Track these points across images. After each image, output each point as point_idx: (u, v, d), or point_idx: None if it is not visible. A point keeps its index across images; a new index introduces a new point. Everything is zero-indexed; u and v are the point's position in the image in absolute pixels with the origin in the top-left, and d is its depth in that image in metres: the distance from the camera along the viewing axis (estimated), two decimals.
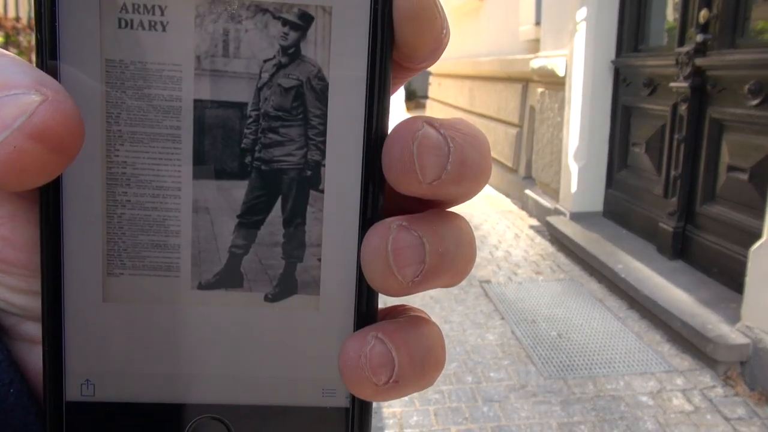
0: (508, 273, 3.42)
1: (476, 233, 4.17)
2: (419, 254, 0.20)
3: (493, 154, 5.92)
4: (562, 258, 3.65)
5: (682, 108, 2.99)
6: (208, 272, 0.20)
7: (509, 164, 5.46)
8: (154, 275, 0.19)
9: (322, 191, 0.20)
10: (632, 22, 3.62)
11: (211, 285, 0.20)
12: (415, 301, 3.01)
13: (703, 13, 2.82)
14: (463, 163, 0.20)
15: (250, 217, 0.20)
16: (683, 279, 2.83)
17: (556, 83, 4.18)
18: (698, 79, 2.89)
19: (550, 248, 3.84)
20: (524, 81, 5.17)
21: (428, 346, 0.21)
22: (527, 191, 4.75)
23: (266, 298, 0.20)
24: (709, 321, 2.41)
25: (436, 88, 9.66)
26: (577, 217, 3.87)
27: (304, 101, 0.20)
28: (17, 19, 3.79)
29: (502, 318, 2.81)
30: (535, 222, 4.45)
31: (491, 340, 2.62)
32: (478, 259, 3.64)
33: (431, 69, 9.99)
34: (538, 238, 4.05)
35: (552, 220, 3.95)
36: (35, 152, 0.16)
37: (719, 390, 2.19)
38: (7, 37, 3.67)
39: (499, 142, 5.78)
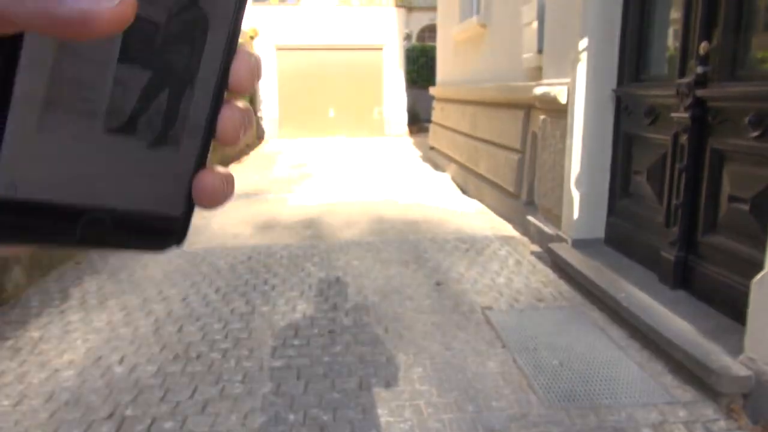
0: (509, 300, 3.41)
1: (478, 259, 4.18)
2: (249, 118, 0.32)
3: (495, 179, 5.97)
4: (564, 285, 3.64)
5: (683, 138, 3.01)
6: (114, 117, 0.27)
7: (511, 189, 5.48)
8: (73, 114, 0.25)
9: (195, 77, 0.29)
10: (633, 51, 3.67)
11: (115, 127, 0.27)
12: (418, 327, 3.00)
13: (703, 46, 2.86)
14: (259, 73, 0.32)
15: (137, 75, 0.27)
16: (685, 309, 2.83)
17: (558, 110, 4.22)
18: (699, 110, 2.92)
19: (552, 275, 3.84)
20: (526, 107, 5.21)
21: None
22: (529, 217, 4.76)
23: (148, 143, 0.28)
24: (711, 352, 2.40)
25: (438, 113, 9.73)
26: (578, 245, 3.88)
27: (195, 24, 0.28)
28: None
29: (504, 346, 2.81)
30: (537, 248, 4.45)
31: (492, 368, 2.61)
32: (479, 285, 3.65)
33: (434, 93, 10.09)
34: (540, 265, 4.05)
35: (554, 246, 3.95)
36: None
37: (722, 423, 2.17)
38: None
39: (501, 168, 5.81)
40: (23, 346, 2.85)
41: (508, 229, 5.15)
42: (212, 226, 5.32)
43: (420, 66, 16.55)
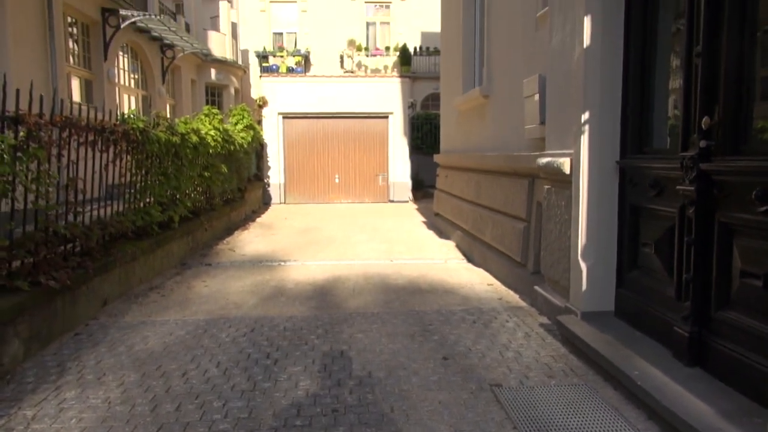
0: (519, 376, 3.30)
1: (486, 331, 4.09)
2: None
3: (501, 248, 5.94)
4: (574, 360, 3.54)
5: (690, 211, 2.99)
6: None
7: (517, 259, 5.43)
8: None
9: None
10: (635, 124, 3.72)
11: None
12: (425, 406, 2.89)
13: (705, 121, 2.88)
14: None
15: None
16: (703, 388, 2.72)
17: (562, 181, 4.24)
18: (704, 183, 2.91)
19: (563, 349, 3.73)
20: (531, 177, 5.25)
21: None
22: (537, 287, 4.69)
23: None
24: None
25: (443, 180, 9.83)
26: (588, 317, 3.79)
27: None
28: (41, 115, 3.94)
29: (515, 427, 2.68)
30: (545, 320, 4.36)
31: None
32: (488, 360, 3.54)
33: (439, 161, 10.23)
34: (550, 338, 3.95)
35: (563, 319, 3.87)
36: None
37: None
38: (29, 132, 3.80)
39: (507, 236, 5.79)
40: (15, 426, 2.75)
41: (515, 299, 5.07)
42: (215, 296, 5.26)
43: (424, 133, 16.89)
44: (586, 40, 3.83)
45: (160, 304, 4.98)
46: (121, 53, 12.97)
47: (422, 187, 16.21)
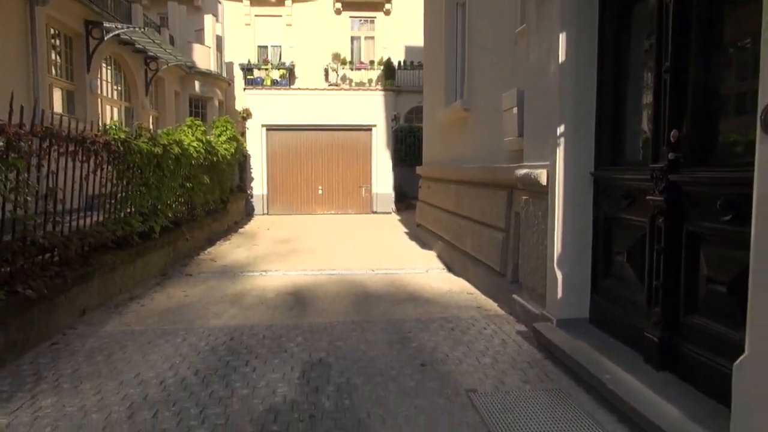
0: (495, 382, 3.35)
1: (463, 338, 4.14)
2: None
3: (480, 257, 6.01)
4: (549, 366, 3.60)
5: (660, 220, 3.09)
6: None
7: (496, 268, 5.51)
8: None
9: None
10: (608, 136, 3.82)
11: None
12: (401, 412, 2.92)
13: (673, 134, 2.99)
14: None
15: None
16: (672, 391, 2.79)
17: (539, 192, 4.33)
18: (673, 194, 3.01)
19: (538, 355, 3.80)
20: (509, 188, 5.34)
21: None
22: (515, 296, 4.76)
23: None
24: None
25: (425, 191, 9.91)
26: (563, 324, 3.87)
27: None
28: (21, 125, 3.94)
29: (489, 431, 2.73)
30: (522, 327, 4.42)
31: None
32: (465, 366, 3.59)
33: (421, 172, 10.32)
34: (526, 345, 4.01)
35: (539, 326, 3.93)
36: None
37: None
38: (8, 142, 3.80)
39: (486, 246, 5.87)
40: None
41: (494, 307, 5.14)
42: (195, 305, 5.25)
43: (408, 145, 17.02)
44: (561, 56, 3.94)
45: (139, 313, 4.96)
46: (104, 65, 12.95)
47: (405, 199, 16.31)
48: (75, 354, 3.86)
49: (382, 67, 18.58)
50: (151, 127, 12.99)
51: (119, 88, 13.93)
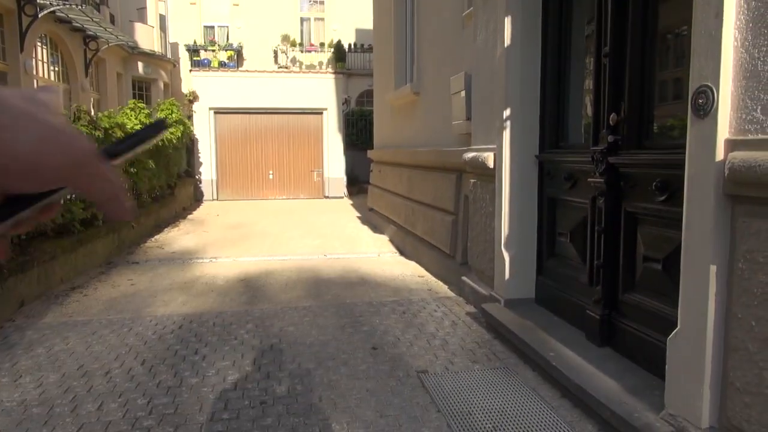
0: (445, 362, 3.42)
1: (414, 321, 4.19)
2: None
3: (431, 241, 6.08)
4: (498, 345, 3.69)
5: (600, 201, 3.19)
6: None
7: (446, 251, 5.59)
8: None
9: None
10: (552, 120, 3.91)
11: None
12: (353, 394, 2.95)
13: (612, 117, 3.09)
14: None
15: None
16: (612, 366, 2.92)
17: (487, 175, 4.40)
18: (612, 176, 3.12)
19: (487, 335, 3.89)
20: (458, 171, 5.41)
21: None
22: (464, 278, 4.85)
23: None
24: (635, 409, 2.47)
25: (377, 175, 9.92)
26: (511, 304, 3.97)
27: None
28: None
29: (438, 411, 2.79)
30: (472, 309, 4.52)
31: None
32: (415, 348, 3.64)
33: (372, 156, 10.31)
34: (475, 326, 4.10)
35: (487, 307, 4.02)
36: None
37: None
38: None
39: (437, 229, 5.94)
40: None
41: (444, 289, 5.22)
42: (142, 294, 5.12)
43: (359, 129, 16.93)
44: (507, 40, 3.99)
45: (82, 303, 4.80)
46: (39, 44, 12.30)
47: (357, 183, 16.27)
48: (13, 347, 3.71)
49: (332, 50, 18.34)
50: (91, 110, 12.47)
51: (57, 68, 13.28)
